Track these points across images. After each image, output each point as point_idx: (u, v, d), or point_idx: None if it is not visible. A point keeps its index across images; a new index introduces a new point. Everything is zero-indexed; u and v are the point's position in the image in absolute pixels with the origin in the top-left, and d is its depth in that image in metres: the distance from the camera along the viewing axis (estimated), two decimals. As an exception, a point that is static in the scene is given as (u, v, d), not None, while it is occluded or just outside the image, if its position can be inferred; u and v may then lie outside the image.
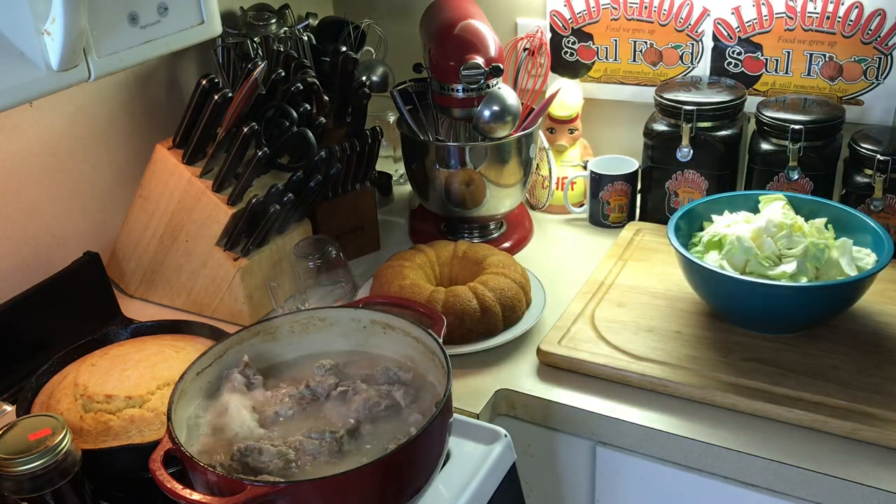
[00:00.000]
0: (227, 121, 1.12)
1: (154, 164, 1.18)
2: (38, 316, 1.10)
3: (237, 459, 0.79)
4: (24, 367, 1.07)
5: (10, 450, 0.78)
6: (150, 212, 1.20)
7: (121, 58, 0.89)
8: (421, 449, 0.78)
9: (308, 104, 1.20)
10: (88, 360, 0.99)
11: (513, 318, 1.13)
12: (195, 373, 0.87)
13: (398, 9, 1.62)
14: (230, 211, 1.14)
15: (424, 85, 1.33)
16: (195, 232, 1.18)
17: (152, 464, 0.74)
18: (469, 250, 1.21)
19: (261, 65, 1.12)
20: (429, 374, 0.90)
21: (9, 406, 1.03)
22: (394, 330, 0.93)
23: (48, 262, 1.17)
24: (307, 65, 1.29)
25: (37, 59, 0.79)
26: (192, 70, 1.39)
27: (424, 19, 1.35)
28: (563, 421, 1.03)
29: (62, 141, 1.21)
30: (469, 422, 0.96)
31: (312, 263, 1.16)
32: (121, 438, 0.89)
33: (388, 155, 1.64)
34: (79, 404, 0.91)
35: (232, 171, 1.14)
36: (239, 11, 1.39)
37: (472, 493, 0.87)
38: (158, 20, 0.91)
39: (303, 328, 0.95)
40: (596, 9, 1.44)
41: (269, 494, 0.71)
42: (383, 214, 1.48)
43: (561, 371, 1.07)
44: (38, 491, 0.78)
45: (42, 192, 1.19)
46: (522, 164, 1.31)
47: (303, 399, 0.88)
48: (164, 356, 0.98)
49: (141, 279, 1.27)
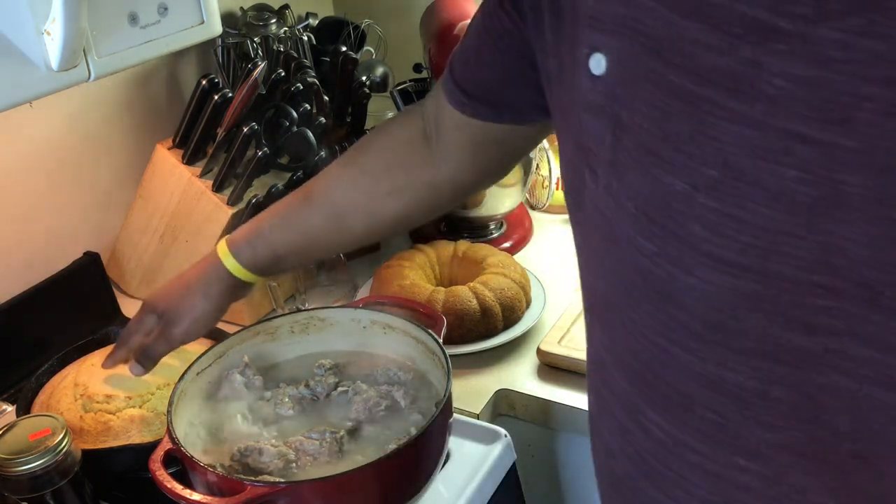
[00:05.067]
0: (227, 121, 1.12)
1: (154, 164, 1.18)
2: (38, 316, 1.10)
3: (237, 460, 0.79)
4: (24, 367, 1.06)
5: (10, 450, 0.78)
6: (150, 212, 1.20)
7: (121, 58, 0.88)
8: (421, 449, 0.78)
9: (308, 104, 1.20)
10: (88, 360, 0.99)
11: (513, 318, 1.12)
12: (195, 373, 0.87)
13: (398, 9, 1.62)
14: (230, 211, 1.14)
15: (424, 85, 1.33)
16: (195, 232, 1.17)
17: (152, 464, 0.74)
18: (469, 250, 1.21)
19: (261, 65, 1.12)
20: (429, 374, 0.90)
21: (9, 406, 1.03)
22: (394, 330, 0.93)
23: (48, 262, 1.17)
24: (307, 65, 1.29)
25: (37, 59, 0.79)
26: (192, 70, 1.39)
27: (424, 19, 1.35)
28: (563, 421, 1.03)
29: (62, 141, 1.21)
30: (469, 422, 0.96)
31: (312, 263, 1.16)
32: (121, 438, 0.89)
33: (388, 155, 1.64)
34: (79, 404, 0.91)
35: (232, 171, 1.14)
36: (239, 11, 1.38)
37: (472, 493, 0.87)
38: (158, 20, 0.91)
39: (303, 328, 0.95)
40: (596, 9, 1.44)
41: (269, 495, 0.71)
42: (383, 214, 1.48)
43: (561, 371, 1.07)
44: (38, 491, 0.78)
45: (42, 192, 1.19)
46: (522, 163, 1.31)
47: (303, 399, 0.88)
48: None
49: (141, 279, 1.27)
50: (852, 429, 0.47)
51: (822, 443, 0.49)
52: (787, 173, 0.41)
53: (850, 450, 0.49)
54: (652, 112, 0.47)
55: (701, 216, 0.45)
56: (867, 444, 0.48)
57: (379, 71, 1.49)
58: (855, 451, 0.48)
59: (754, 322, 0.46)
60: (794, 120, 0.41)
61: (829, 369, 0.46)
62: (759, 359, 0.47)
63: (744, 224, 0.44)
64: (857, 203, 0.41)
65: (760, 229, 0.43)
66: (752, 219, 0.43)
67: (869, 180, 0.40)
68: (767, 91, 0.41)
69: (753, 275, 0.44)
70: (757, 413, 0.49)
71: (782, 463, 0.51)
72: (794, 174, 0.41)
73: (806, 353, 0.46)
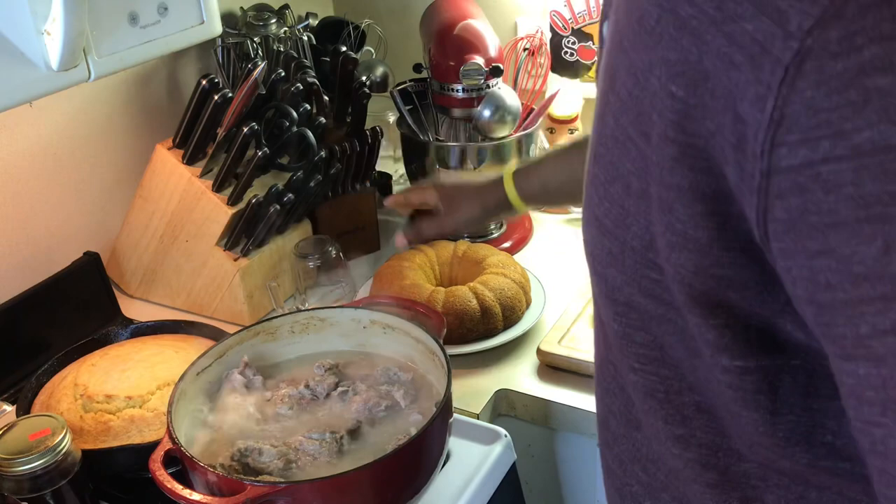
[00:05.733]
0: (226, 121, 1.12)
1: (154, 164, 1.18)
2: (38, 316, 1.10)
3: (237, 459, 0.79)
4: (24, 367, 1.07)
5: (10, 450, 0.78)
6: (150, 212, 1.20)
7: (121, 58, 0.89)
8: (421, 449, 0.78)
9: (308, 104, 1.20)
10: (88, 360, 0.99)
11: (513, 318, 1.12)
12: (195, 373, 0.87)
13: (398, 9, 1.62)
14: (230, 211, 1.14)
15: (424, 85, 1.33)
16: (195, 232, 1.17)
17: (152, 464, 0.74)
18: (469, 250, 1.21)
19: (261, 65, 1.12)
20: (429, 374, 0.90)
21: (9, 406, 1.03)
22: (394, 330, 0.93)
23: (48, 262, 1.17)
24: (307, 65, 1.29)
25: (37, 59, 0.79)
26: (192, 70, 1.39)
27: (424, 19, 1.35)
28: (563, 421, 1.03)
29: (62, 141, 1.21)
30: (469, 422, 0.96)
31: (312, 263, 1.16)
32: (121, 438, 0.89)
33: (388, 155, 1.64)
34: (79, 404, 0.91)
35: (232, 171, 1.14)
36: (239, 11, 1.39)
37: (472, 493, 0.87)
38: (158, 20, 0.91)
39: (303, 328, 0.95)
40: (596, 9, 1.44)
41: (269, 494, 0.71)
42: (383, 214, 1.47)
43: (561, 371, 1.07)
44: (38, 491, 0.78)
45: (42, 192, 1.19)
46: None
47: (303, 399, 0.88)
48: (164, 356, 0.98)
49: (141, 279, 1.27)
50: (695, 380, 0.53)
51: (672, 391, 0.55)
52: (626, 164, 0.49)
53: (694, 401, 0.54)
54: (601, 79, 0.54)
55: (594, 182, 0.53)
56: (708, 398, 0.53)
57: (379, 71, 1.49)
58: (697, 402, 0.54)
59: (612, 275, 0.54)
60: (629, 123, 0.48)
61: (669, 333, 0.52)
62: (623, 306, 0.54)
63: (611, 196, 0.51)
64: (656, 205, 0.47)
65: (619, 206, 0.51)
66: (615, 194, 0.51)
67: (661, 190, 0.46)
68: (620, 94, 0.48)
69: (614, 238, 0.52)
70: (628, 355, 0.57)
71: (644, 404, 0.58)
72: (629, 166, 0.49)
73: (651, 314, 0.53)
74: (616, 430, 0.64)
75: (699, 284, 0.47)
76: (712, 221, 0.45)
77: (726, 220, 0.44)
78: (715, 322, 0.48)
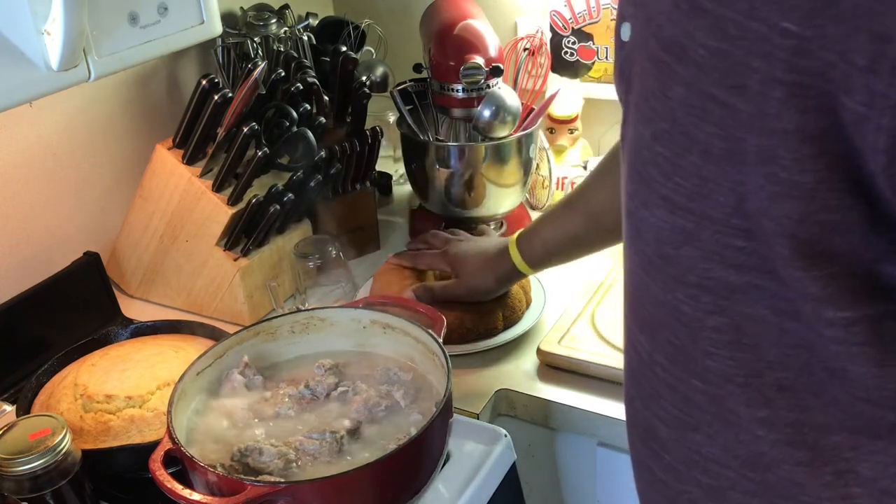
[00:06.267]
0: (226, 121, 1.12)
1: (154, 164, 1.18)
2: (38, 316, 1.10)
3: (237, 459, 0.79)
4: (24, 367, 1.07)
5: (10, 450, 0.78)
6: (150, 212, 1.20)
7: (121, 58, 0.89)
8: (421, 449, 0.78)
9: (308, 104, 1.20)
10: (88, 360, 0.99)
11: (513, 318, 1.12)
12: (195, 373, 0.87)
13: (398, 9, 1.62)
14: (230, 211, 1.14)
15: (424, 85, 1.33)
16: (195, 232, 1.17)
17: (152, 464, 0.74)
18: (469, 250, 1.21)
19: (261, 65, 1.12)
20: (429, 374, 0.90)
21: (9, 406, 1.03)
22: (394, 330, 0.93)
23: (48, 262, 1.17)
24: (307, 65, 1.29)
25: (37, 59, 0.79)
26: (192, 70, 1.39)
27: (424, 19, 1.35)
28: (563, 421, 1.03)
29: (62, 141, 1.21)
30: (469, 422, 0.96)
31: (312, 263, 1.16)
32: (121, 438, 0.89)
33: (388, 155, 1.64)
34: (79, 404, 0.91)
35: (232, 171, 1.14)
36: (239, 11, 1.39)
37: (472, 493, 0.87)
38: (158, 20, 0.91)
39: (303, 328, 0.95)
40: (596, 9, 1.44)
41: (269, 494, 0.71)
42: (383, 214, 1.48)
43: (561, 371, 1.07)
44: (38, 491, 0.78)
45: (42, 192, 1.19)
46: (522, 164, 1.31)
47: (303, 399, 0.88)
48: (164, 356, 0.98)
49: (141, 279, 1.27)
50: (776, 356, 0.54)
51: (752, 373, 0.55)
52: (706, 128, 0.49)
53: (775, 379, 0.54)
54: (641, 72, 0.55)
55: (656, 161, 0.53)
56: (791, 374, 0.54)
57: (379, 71, 1.49)
58: (778, 380, 0.54)
59: (687, 254, 0.53)
60: (710, 84, 0.48)
61: (753, 302, 0.52)
62: (696, 289, 0.54)
63: (683, 170, 0.51)
64: (752, 159, 0.47)
65: (694, 176, 0.51)
66: (688, 166, 0.51)
67: (762, 140, 0.46)
68: (695, 58, 0.49)
69: (688, 213, 0.52)
70: (700, 340, 0.56)
71: (721, 390, 0.57)
72: (710, 129, 0.49)
73: (733, 287, 0.52)
74: (667, 436, 0.63)
75: (803, 233, 0.47)
76: (820, 163, 0.45)
77: (834, 161, 0.45)
78: (819, 273, 0.48)
